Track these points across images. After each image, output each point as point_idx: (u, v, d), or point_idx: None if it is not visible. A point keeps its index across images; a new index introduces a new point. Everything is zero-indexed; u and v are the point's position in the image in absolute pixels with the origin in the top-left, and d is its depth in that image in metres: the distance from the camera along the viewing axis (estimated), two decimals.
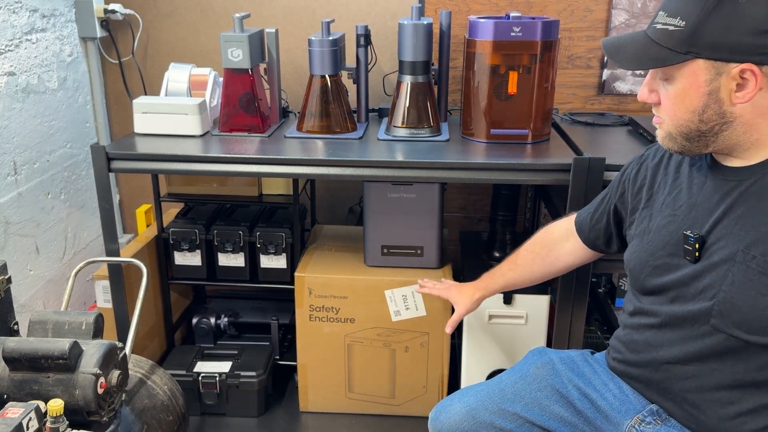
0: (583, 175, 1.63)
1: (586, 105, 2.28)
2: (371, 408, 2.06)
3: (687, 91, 1.02)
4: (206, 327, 2.24)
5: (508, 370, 1.41)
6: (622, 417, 1.20)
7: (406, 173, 1.70)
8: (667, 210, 1.15)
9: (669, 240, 1.12)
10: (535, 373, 1.32)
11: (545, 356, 1.35)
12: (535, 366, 1.34)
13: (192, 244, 2.08)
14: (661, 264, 1.14)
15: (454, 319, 1.60)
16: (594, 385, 1.27)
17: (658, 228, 1.16)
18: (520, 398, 1.30)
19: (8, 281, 1.52)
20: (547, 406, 1.28)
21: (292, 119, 2.11)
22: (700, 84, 1.00)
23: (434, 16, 2.14)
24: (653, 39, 1.03)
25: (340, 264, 1.99)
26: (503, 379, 1.37)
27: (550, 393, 1.29)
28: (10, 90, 1.91)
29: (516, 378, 1.34)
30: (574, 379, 1.29)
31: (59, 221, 2.18)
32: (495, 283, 1.59)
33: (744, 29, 0.94)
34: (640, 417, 1.18)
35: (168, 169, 1.84)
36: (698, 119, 1.02)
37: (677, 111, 1.04)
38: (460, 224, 2.46)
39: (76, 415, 1.26)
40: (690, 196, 1.12)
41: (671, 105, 1.05)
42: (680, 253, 1.10)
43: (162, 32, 2.31)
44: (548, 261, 1.50)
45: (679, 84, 1.02)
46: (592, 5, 2.17)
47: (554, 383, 1.30)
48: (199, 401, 2.04)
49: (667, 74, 1.04)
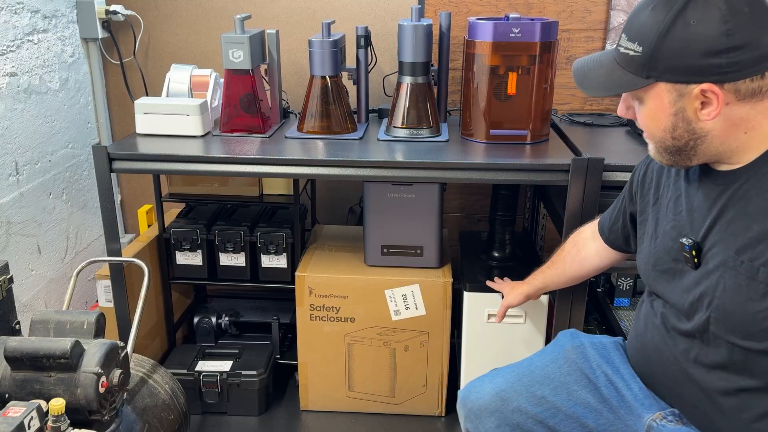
0: (582, 176, 1.64)
1: (585, 105, 2.29)
2: (371, 407, 2.07)
3: (655, 112, 1.03)
4: (207, 326, 2.25)
5: (538, 351, 1.40)
6: (644, 410, 1.19)
7: (406, 173, 1.71)
8: (671, 214, 1.15)
9: (672, 245, 1.13)
10: (566, 356, 1.32)
11: (577, 339, 1.34)
12: (566, 349, 1.33)
13: (193, 243, 2.08)
14: (667, 269, 1.14)
15: (499, 311, 1.75)
16: (622, 373, 1.25)
17: (664, 233, 1.16)
18: (549, 381, 1.30)
19: (10, 281, 1.52)
20: (575, 390, 1.27)
21: (292, 120, 2.12)
22: (665, 105, 1.01)
23: (434, 18, 2.15)
24: (618, 62, 1.05)
25: (340, 264, 2.00)
26: (534, 360, 1.36)
27: (579, 377, 1.28)
28: (12, 90, 1.92)
29: (547, 360, 1.34)
30: (603, 365, 1.28)
31: (61, 221, 2.19)
32: (536, 280, 1.66)
33: (697, 51, 0.95)
34: (662, 414, 1.17)
35: (169, 170, 1.84)
36: (670, 137, 1.03)
37: (651, 129, 1.06)
38: (459, 224, 2.46)
39: (78, 415, 1.27)
40: (688, 201, 1.12)
41: (645, 124, 1.07)
42: (682, 259, 1.11)
43: (163, 33, 2.32)
44: (578, 260, 1.52)
45: (648, 105, 1.04)
46: (590, 6, 2.18)
47: (583, 368, 1.29)
48: (200, 400, 2.05)
49: (636, 95, 1.06)
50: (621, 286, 2.15)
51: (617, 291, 2.15)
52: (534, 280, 1.67)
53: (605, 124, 2.07)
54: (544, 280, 1.63)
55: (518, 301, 1.70)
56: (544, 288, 1.68)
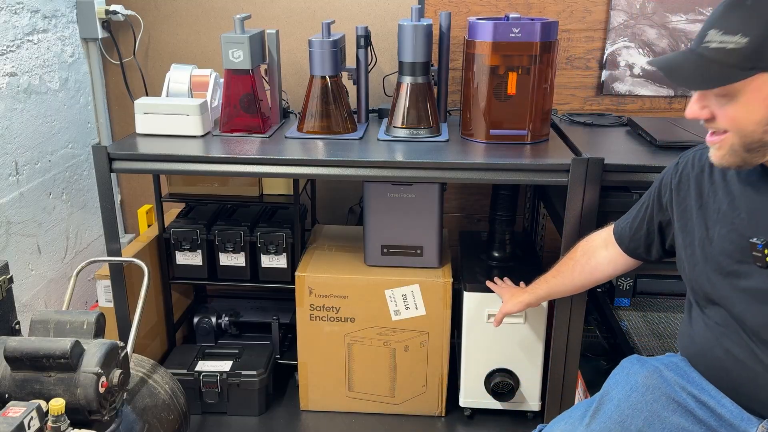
0: (582, 176, 1.64)
1: (584, 105, 2.29)
2: (371, 407, 2.07)
3: (752, 105, 1.01)
4: (207, 326, 2.25)
5: (609, 384, 1.26)
6: (747, 425, 1.12)
7: (405, 173, 1.71)
8: (726, 219, 1.14)
9: (735, 247, 1.12)
10: (645, 384, 1.20)
11: (647, 364, 1.24)
12: (642, 375, 1.21)
13: (193, 243, 2.08)
14: (731, 271, 1.13)
15: (497, 317, 1.75)
16: (708, 391, 1.18)
17: (720, 236, 1.15)
18: (638, 413, 1.18)
19: (10, 281, 1.52)
20: (667, 417, 1.17)
21: (292, 120, 2.12)
22: (765, 96, 1.00)
23: (434, 18, 2.15)
24: (711, 59, 1.02)
25: (340, 264, 2.00)
26: (612, 395, 1.23)
27: (667, 403, 1.18)
28: (12, 90, 1.92)
29: (627, 391, 1.21)
30: (686, 386, 1.19)
31: (61, 221, 2.19)
32: (539, 289, 1.64)
33: None
34: (765, 426, 1.11)
35: (169, 170, 1.84)
36: (762, 130, 1.02)
37: (743, 123, 1.03)
38: (459, 224, 2.46)
39: (78, 415, 1.27)
40: (747, 202, 1.11)
41: (733, 119, 1.04)
42: (749, 260, 1.10)
43: (163, 33, 2.32)
44: (588, 269, 1.51)
45: (743, 98, 1.02)
46: (590, 6, 2.18)
47: (668, 392, 1.19)
48: (200, 400, 2.05)
49: (726, 90, 1.03)
50: (621, 286, 2.15)
51: (617, 291, 2.15)
52: (537, 289, 1.65)
53: (605, 124, 2.07)
54: (548, 289, 1.62)
55: (517, 309, 1.70)
56: (547, 297, 1.67)
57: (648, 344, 1.92)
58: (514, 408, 2.00)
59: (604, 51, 2.21)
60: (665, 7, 2.15)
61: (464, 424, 2.04)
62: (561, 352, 1.81)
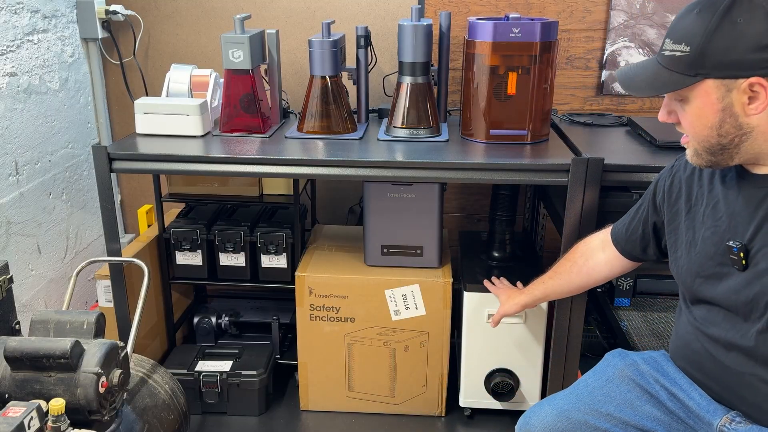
0: (582, 176, 1.64)
1: (584, 106, 2.29)
2: (371, 407, 2.07)
3: (702, 110, 1.06)
4: (207, 326, 2.25)
5: (589, 374, 1.39)
6: (712, 417, 1.19)
7: (405, 173, 1.71)
8: (709, 221, 1.17)
9: (716, 250, 1.15)
10: (622, 374, 1.32)
11: (627, 358, 1.35)
12: (620, 368, 1.33)
13: (193, 243, 2.08)
14: (712, 273, 1.16)
15: (494, 317, 1.77)
16: (680, 384, 1.26)
17: (703, 239, 1.18)
18: (610, 399, 1.30)
19: (10, 281, 1.53)
20: (639, 406, 1.28)
21: (292, 120, 2.12)
22: (713, 102, 1.04)
23: (434, 18, 2.15)
24: (663, 66, 1.08)
25: (340, 264, 2.00)
26: (589, 383, 1.36)
27: (640, 393, 1.29)
28: (12, 90, 1.92)
29: (602, 381, 1.34)
30: (660, 378, 1.29)
31: (61, 221, 2.19)
32: (536, 290, 1.65)
33: (745, 47, 0.99)
34: (729, 417, 1.18)
35: (169, 170, 1.85)
36: (717, 134, 1.06)
37: (696, 128, 1.09)
38: (459, 224, 2.46)
39: (78, 415, 1.27)
40: (727, 206, 1.14)
41: (690, 123, 1.10)
42: (728, 262, 1.13)
43: (163, 33, 2.32)
44: (585, 270, 1.53)
45: (694, 104, 1.07)
46: (590, 6, 2.18)
47: (642, 383, 1.30)
48: (200, 400, 2.05)
49: (681, 96, 1.09)
50: (621, 286, 2.15)
51: (617, 291, 2.16)
52: (534, 290, 1.66)
53: (605, 124, 2.07)
54: (545, 290, 1.63)
55: (514, 311, 1.71)
56: (544, 299, 1.68)
57: (648, 344, 1.92)
58: (514, 408, 2.00)
59: (604, 51, 2.21)
60: (665, 7, 2.15)
61: (464, 424, 2.04)
62: (561, 352, 1.81)
